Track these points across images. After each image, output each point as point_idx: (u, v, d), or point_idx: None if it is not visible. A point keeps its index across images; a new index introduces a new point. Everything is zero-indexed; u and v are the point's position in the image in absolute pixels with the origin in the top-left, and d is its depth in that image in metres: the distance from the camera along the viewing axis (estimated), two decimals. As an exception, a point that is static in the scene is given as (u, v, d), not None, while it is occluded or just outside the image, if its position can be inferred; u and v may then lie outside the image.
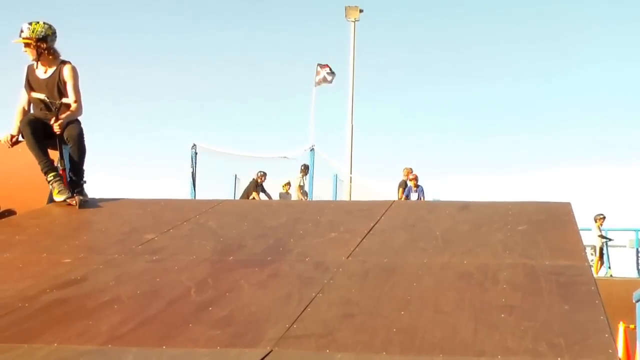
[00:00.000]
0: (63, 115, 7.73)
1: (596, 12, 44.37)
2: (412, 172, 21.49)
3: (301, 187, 22.50)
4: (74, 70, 7.87)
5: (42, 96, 7.77)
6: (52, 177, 7.76)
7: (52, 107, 7.71)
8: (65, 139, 7.74)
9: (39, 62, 7.85)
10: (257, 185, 22.00)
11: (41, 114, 7.81)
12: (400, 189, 21.49)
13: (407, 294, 4.80)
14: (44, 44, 7.78)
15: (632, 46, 43.84)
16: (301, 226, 6.71)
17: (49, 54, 7.83)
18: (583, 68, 43.69)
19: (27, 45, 7.79)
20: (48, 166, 7.78)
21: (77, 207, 7.64)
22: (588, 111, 44.50)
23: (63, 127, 7.70)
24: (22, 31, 7.77)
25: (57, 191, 7.75)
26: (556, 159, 43.37)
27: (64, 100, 7.75)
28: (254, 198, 20.89)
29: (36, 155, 7.75)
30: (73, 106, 7.79)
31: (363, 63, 38.62)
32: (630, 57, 44.25)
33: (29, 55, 7.84)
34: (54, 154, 7.90)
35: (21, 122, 7.79)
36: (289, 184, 22.52)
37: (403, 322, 4.30)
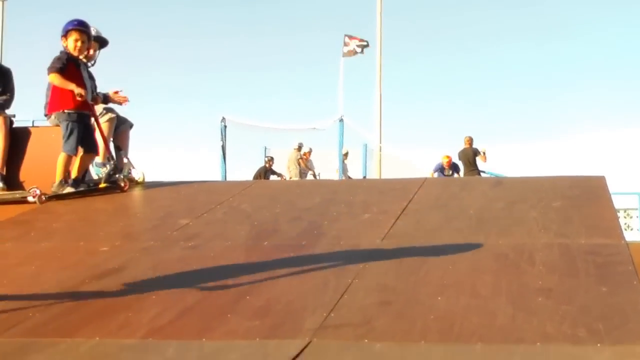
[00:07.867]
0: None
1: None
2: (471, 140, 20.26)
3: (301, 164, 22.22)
4: None
5: None
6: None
7: None
8: None
9: None
10: (266, 171, 22.05)
11: None
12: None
13: (443, 278, 4.79)
14: None
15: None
16: (334, 207, 6.71)
17: None
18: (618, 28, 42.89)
19: None
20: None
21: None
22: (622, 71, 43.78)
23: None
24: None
25: None
26: (589, 123, 42.83)
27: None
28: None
29: None
30: None
31: (391, 31, 38.27)
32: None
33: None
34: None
35: None
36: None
37: (440, 309, 4.29)
